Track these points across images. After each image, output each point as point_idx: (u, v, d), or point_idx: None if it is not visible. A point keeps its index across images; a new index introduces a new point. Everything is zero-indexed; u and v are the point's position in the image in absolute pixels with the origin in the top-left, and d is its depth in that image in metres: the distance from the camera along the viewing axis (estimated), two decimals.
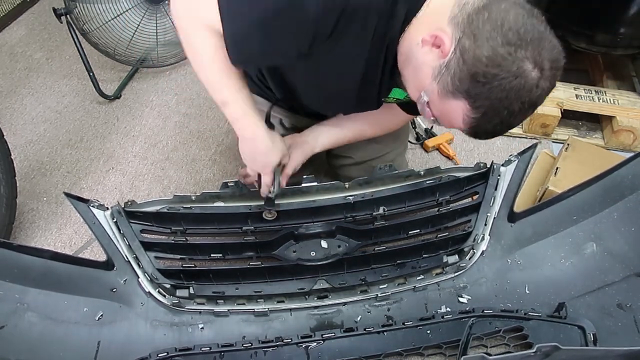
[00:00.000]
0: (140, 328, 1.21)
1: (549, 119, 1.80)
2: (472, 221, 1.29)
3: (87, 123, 1.97)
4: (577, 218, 1.27)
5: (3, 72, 2.20)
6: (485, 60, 0.77)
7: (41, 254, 1.14)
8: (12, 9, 2.50)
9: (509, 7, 0.79)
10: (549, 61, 0.79)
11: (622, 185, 1.23)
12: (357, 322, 1.26)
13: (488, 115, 0.82)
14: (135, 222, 1.21)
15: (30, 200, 1.67)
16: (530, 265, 1.29)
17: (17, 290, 1.12)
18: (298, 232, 1.26)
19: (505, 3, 0.80)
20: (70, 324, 1.16)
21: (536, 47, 0.78)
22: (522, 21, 0.78)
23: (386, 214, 1.27)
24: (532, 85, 0.79)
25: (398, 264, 1.30)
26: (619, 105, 1.76)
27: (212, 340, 1.20)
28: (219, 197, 1.25)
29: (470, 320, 1.21)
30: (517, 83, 0.78)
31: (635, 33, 1.59)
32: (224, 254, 1.26)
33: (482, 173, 1.28)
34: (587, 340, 1.17)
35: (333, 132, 1.28)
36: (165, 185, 1.73)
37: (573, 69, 2.09)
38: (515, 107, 0.81)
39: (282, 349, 1.20)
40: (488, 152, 1.84)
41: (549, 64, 0.79)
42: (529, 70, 0.78)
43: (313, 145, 1.26)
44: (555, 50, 0.81)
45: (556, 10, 1.68)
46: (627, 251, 1.22)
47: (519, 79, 0.78)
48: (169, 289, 1.24)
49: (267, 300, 1.28)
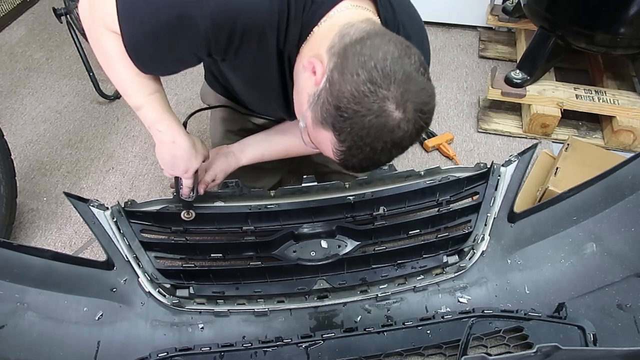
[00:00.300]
0: (140, 328, 1.21)
1: (549, 119, 1.80)
2: (472, 221, 1.29)
3: (87, 123, 1.97)
4: (577, 218, 1.27)
5: (3, 72, 2.20)
6: (348, 95, 0.76)
7: (41, 254, 1.14)
8: (12, 9, 2.50)
9: (382, 43, 0.78)
10: (412, 103, 0.77)
11: (622, 185, 1.23)
12: (357, 322, 1.26)
13: (352, 150, 0.80)
14: (135, 222, 1.22)
15: (30, 200, 1.67)
16: (530, 266, 1.29)
17: (17, 290, 1.12)
18: (298, 232, 1.26)
19: (381, 39, 0.79)
20: (70, 323, 1.16)
21: (400, 88, 0.76)
22: (391, 60, 0.76)
23: (386, 214, 1.28)
24: (393, 125, 0.77)
25: (398, 264, 1.30)
26: (619, 105, 1.76)
27: (212, 340, 1.20)
28: (219, 197, 1.25)
29: (470, 320, 1.21)
30: (378, 122, 0.76)
31: (635, 33, 1.59)
32: (224, 253, 1.26)
33: (482, 173, 1.28)
34: (587, 340, 1.16)
35: (261, 146, 1.25)
36: (165, 185, 1.73)
37: (573, 69, 2.09)
38: (377, 145, 0.79)
39: (282, 349, 1.20)
40: (488, 152, 1.84)
41: (412, 105, 0.77)
42: (391, 110, 0.76)
43: (239, 156, 1.24)
44: (423, 94, 0.79)
45: (556, 10, 1.68)
46: (627, 251, 1.22)
47: (379, 118, 0.76)
48: (169, 288, 1.24)
49: (267, 300, 1.28)
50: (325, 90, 0.80)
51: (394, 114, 0.77)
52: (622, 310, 1.19)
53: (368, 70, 0.75)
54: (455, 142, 1.88)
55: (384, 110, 0.76)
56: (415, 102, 0.77)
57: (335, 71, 0.79)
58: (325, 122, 0.80)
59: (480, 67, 2.22)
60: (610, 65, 1.99)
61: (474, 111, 2.00)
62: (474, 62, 2.25)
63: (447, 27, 2.44)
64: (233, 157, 1.23)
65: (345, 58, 0.78)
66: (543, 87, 1.83)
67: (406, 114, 0.77)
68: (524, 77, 1.82)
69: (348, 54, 0.78)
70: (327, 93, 0.79)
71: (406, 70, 0.77)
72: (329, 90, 0.79)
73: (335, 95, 0.78)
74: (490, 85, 1.84)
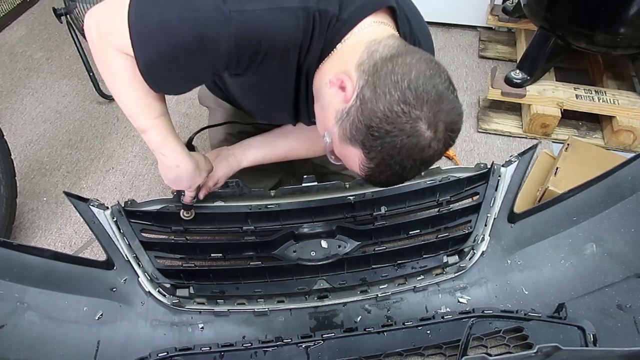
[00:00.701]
0: (140, 328, 1.21)
1: (549, 119, 1.80)
2: (472, 222, 1.29)
3: (87, 123, 1.97)
4: (577, 219, 1.27)
5: (3, 72, 2.20)
6: (381, 115, 0.76)
7: (41, 254, 1.14)
8: (12, 9, 2.50)
9: (414, 62, 0.78)
10: (444, 123, 0.78)
11: (622, 186, 1.23)
12: (357, 322, 1.26)
13: (381, 167, 0.81)
14: (135, 222, 1.22)
15: (30, 200, 1.67)
16: (530, 266, 1.29)
17: (17, 290, 1.12)
18: (298, 232, 1.26)
19: (412, 57, 0.79)
20: (70, 323, 1.16)
21: (432, 108, 0.76)
22: (423, 80, 0.76)
23: (386, 214, 1.28)
24: (424, 145, 0.78)
25: (398, 264, 1.30)
26: (619, 105, 1.76)
27: (212, 340, 1.20)
28: (219, 196, 1.25)
29: (470, 320, 1.21)
30: (409, 142, 0.77)
31: (635, 33, 1.59)
32: (224, 253, 1.26)
33: (482, 173, 1.28)
34: (587, 340, 1.16)
35: (263, 148, 1.25)
36: (165, 185, 1.73)
37: (573, 69, 2.09)
38: (407, 163, 0.80)
39: (282, 349, 1.20)
40: (488, 152, 1.84)
41: (443, 125, 0.78)
42: (423, 130, 0.77)
43: (240, 159, 1.23)
44: (453, 113, 0.80)
45: (556, 10, 1.68)
46: (627, 252, 1.22)
47: (411, 138, 0.77)
48: (169, 288, 1.24)
49: (267, 300, 1.28)
50: (355, 108, 0.80)
51: (426, 133, 0.77)
52: (622, 310, 1.19)
53: (402, 90, 0.76)
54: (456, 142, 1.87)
55: (417, 131, 0.77)
56: (447, 122, 0.78)
57: (367, 89, 0.78)
58: (355, 140, 0.80)
59: (480, 67, 2.22)
60: (610, 65, 1.99)
61: (474, 111, 2.00)
62: (474, 62, 2.25)
63: (447, 27, 2.44)
64: (234, 160, 1.23)
65: (377, 77, 0.78)
66: (543, 87, 1.83)
67: (437, 134, 0.78)
68: (524, 77, 1.82)
69: (380, 73, 0.78)
70: (358, 111, 0.79)
71: (438, 90, 0.77)
72: (359, 109, 0.79)
73: (367, 115, 0.78)
74: (490, 85, 1.84)
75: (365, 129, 0.78)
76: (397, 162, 0.79)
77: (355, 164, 0.84)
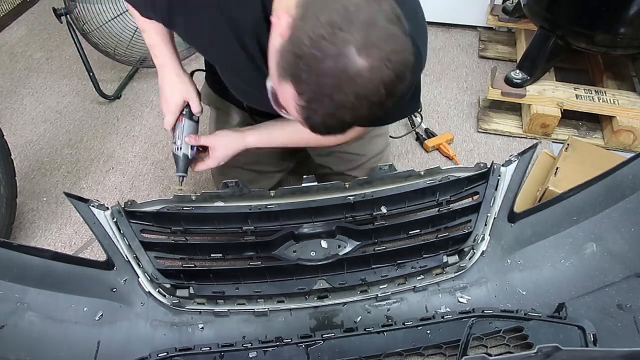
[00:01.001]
0: (140, 328, 1.21)
1: (549, 119, 1.80)
2: (472, 221, 1.29)
3: (87, 123, 1.97)
4: (577, 218, 1.27)
5: (3, 72, 2.20)
6: (307, 41, 0.70)
7: (41, 254, 1.14)
8: (12, 9, 2.50)
9: None
10: (378, 49, 0.69)
11: (622, 185, 1.23)
12: (357, 322, 1.26)
13: (312, 103, 0.74)
14: (135, 222, 1.21)
15: (30, 200, 1.67)
16: (530, 266, 1.29)
17: (17, 290, 1.12)
18: (298, 232, 1.25)
19: None
20: (70, 323, 1.16)
21: (364, 32, 0.69)
22: (356, 5, 0.69)
23: (386, 214, 1.28)
24: (354, 72, 0.69)
25: (398, 264, 1.30)
26: (619, 105, 1.76)
27: (212, 340, 1.20)
28: (219, 196, 1.25)
29: (470, 320, 1.21)
30: (336, 67, 0.69)
31: (635, 33, 1.59)
32: (224, 253, 1.26)
33: (482, 173, 1.28)
34: (587, 340, 1.16)
35: (268, 129, 1.22)
36: (165, 185, 1.73)
37: (573, 69, 2.09)
38: (337, 97, 0.72)
39: (282, 349, 1.20)
40: (488, 152, 1.84)
41: (378, 52, 0.69)
42: (351, 54, 0.69)
43: (245, 134, 1.20)
44: (393, 41, 0.71)
45: (556, 10, 1.68)
46: (627, 252, 1.22)
47: (338, 63, 0.69)
48: (169, 288, 1.24)
49: (267, 300, 1.28)
50: (285, 39, 0.74)
51: (355, 58, 0.69)
52: (622, 310, 1.19)
53: (329, 12, 0.70)
54: (455, 142, 1.88)
55: (344, 55, 0.69)
56: (385, 49, 0.70)
57: (298, 18, 0.73)
58: (286, 74, 0.74)
59: (480, 67, 2.22)
60: (610, 65, 1.99)
61: (474, 111, 2.00)
62: (474, 62, 2.25)
63: (447, 27, 2.44)
64: (239, 136, 1.20)
65: (308, 5, 0.73)
66: (543, 87, 1.83)
67: (370, 61, 0.70)
68: (524, 77, 1.82)
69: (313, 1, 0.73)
70: (288, 42, 0.73)
71: (373, 15, 0.70)
72: (289, 39, 0.73)
73: (295, 42, 0.72)
74: (490, 85, 1.84)
75: (293, 59, 0.72)
76: (327, 94, 0.72)
77: (292, 106, 0.77)
